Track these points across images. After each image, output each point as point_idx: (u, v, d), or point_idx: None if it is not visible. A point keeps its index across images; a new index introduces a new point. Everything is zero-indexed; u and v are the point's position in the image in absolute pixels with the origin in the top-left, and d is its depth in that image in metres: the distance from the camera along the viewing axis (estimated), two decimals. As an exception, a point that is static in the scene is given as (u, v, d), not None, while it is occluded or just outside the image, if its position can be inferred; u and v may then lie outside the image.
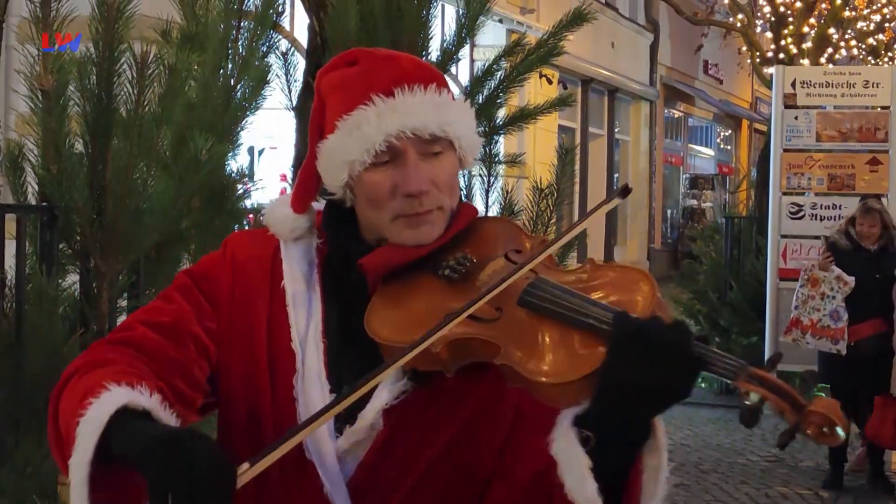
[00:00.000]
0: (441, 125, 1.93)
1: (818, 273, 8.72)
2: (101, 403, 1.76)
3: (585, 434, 1.71)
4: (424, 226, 1.93)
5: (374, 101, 1.92)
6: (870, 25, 22.40)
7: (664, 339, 1.70)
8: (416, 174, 1.90)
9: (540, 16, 21.98)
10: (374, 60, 2.00)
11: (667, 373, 1.69)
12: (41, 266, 4.08)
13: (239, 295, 2.00)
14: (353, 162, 1.92)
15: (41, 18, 4.08)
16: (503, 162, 5.28)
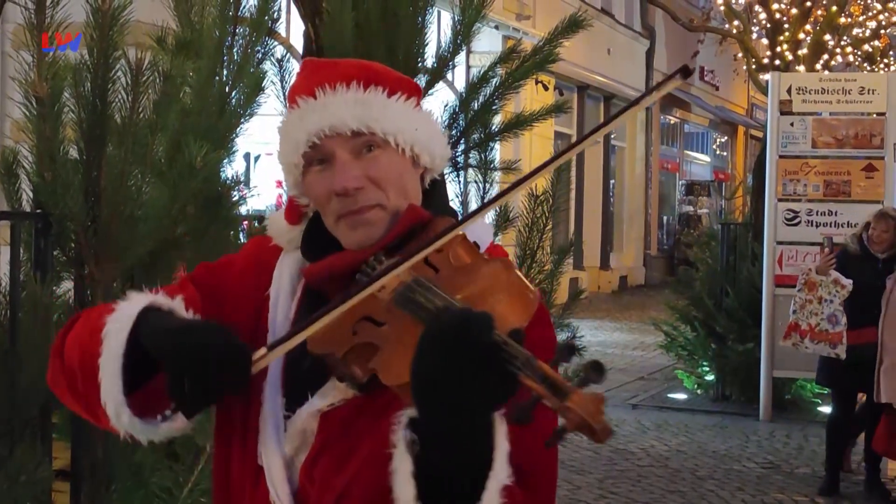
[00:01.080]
0: (364, 121, 1.93)
1: (815, 277, 8.73)
2: (125, 308, 1.89)
3: (412, 437, 1.65)
4: (363, 226, 1.93)
5: (297, 103, 1.96)
6: (865, 32, 22.42)
7: (449, 330, 1.60)
8: (342, 171, 1.91)
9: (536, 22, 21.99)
10: (314, 66, 2.04)
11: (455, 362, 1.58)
12: (35, 273, 4.07)
13: (241, 293, 2.05)
14: (289, 165, 1.97)
15: (36, 25, 4.07)
16: (499, 168, 5.27)
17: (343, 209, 1.92)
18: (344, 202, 1.91)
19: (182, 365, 1.74)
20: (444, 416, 1.61)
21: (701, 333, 12.51)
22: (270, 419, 1.93)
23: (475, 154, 4.98)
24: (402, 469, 1.64)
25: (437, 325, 1.62)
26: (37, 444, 3.96)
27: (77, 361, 1.92)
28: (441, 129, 2.07)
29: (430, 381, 1.60)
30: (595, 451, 9.81)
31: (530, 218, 4.98)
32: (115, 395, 1.85)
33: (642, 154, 30.31)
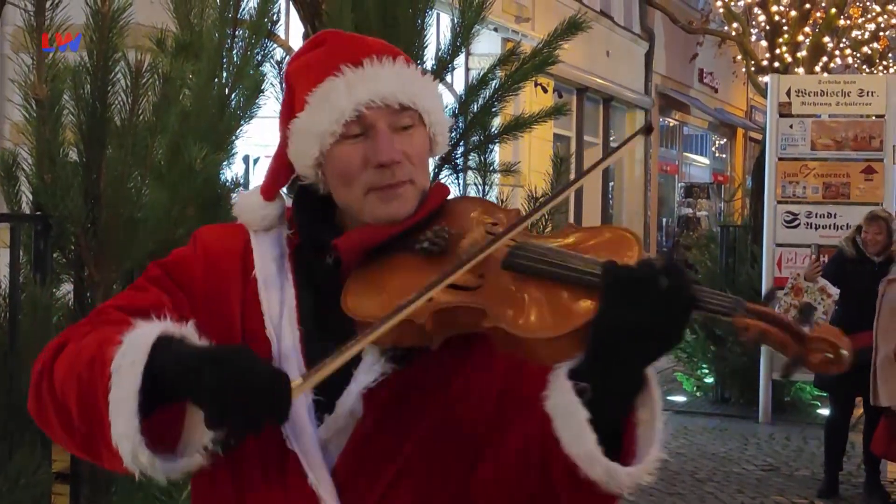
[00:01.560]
0: (410, 96, 1.92)
1: (802, 283, 8.73)
2: (136, 337, 1.74)
3: (581, 386, 1.67)
4: (396, 200, 1.91)
5: (342, 71, 1.91)
6: (864, 34, 22.42)
7: (656, 279, 1.66)
8: (387, 144, 1.89)
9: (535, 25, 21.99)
10: (341, 38, 2.01)
11: (661, 313, 1.66)
12: (35, 275, 4.07)
13: (212, 286, 1.97)
14: (323, 134, 1.90)
15: (35, 27, 4.07)
16: (498, 171, 5.27)
17: (380, 181, 1.89)
18: (382, 174, 1.89)
19: (223, 400, 1.66)
20: (631, 363, 1.68)
21: (700, 336, 12.52)
22: (299, 402, 1.84)
23: (474, 156, 4.98)
24: (573, 418, 1.66)
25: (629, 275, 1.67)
26: (36, 447, 3.96)
27: (74, 398, 1.80)
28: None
29: (628, 331, 1.65)
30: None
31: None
32: (132, 436, 1.72)
33: (641, 156, 30.31)
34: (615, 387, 1.69)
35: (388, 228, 1.90)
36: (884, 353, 8.04)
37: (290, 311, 1.94)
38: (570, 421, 1.67)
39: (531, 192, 5.03)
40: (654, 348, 1.68)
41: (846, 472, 8.98)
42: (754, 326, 1.65)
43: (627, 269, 1.68)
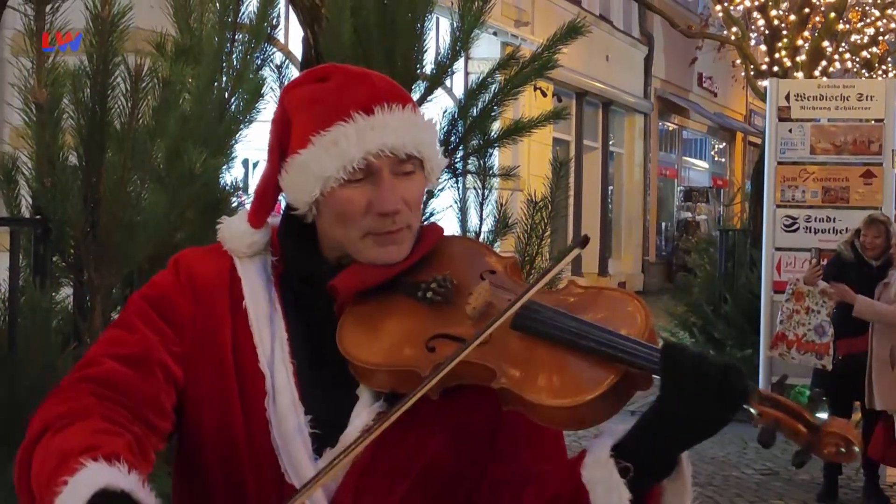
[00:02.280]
0: (416, 145, 1.93)
1: (803, 287, 8.71)
2: (78, 484, 1.69)
3: (625, 465, 1.75)
4: (393, 245, 1.93)
5: (353, 118, 1.91)
6: (864, 38, 22.43)
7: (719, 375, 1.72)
8: (391, 193, 1.90)
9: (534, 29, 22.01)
10: (347, 77, 1.99)
11: (720, 408, 1.73)
12: (35, 279, 4.07)
13: (201, 318, 1.96)
14: (328, 178, 1.90)
15: (35, 31, 4.07)
16: (497, 175, 5.27)
17: (381, 228, 1.91)
18: (382, 222, 1.91)
19: None
20: (679, 449, 1.78)
21: (699, 340, 12.52)
22: (297, 438, 1.88)
23: (474, 160, 4.98)
24: (617, 497, 1.74)
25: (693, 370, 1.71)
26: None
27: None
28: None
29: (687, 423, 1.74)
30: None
31: (529, 224, 4.98)
32: None
33: (640, 160, 30.32)
34: (656, 468, 1.78)
35: (386, 270, 1.93)
36: (879, 357, 8.05)
37: (281, 343, 1.95)
38: (611, 498, 1.74)
39: (530, 196, 5.03)
40: (704, 435, 1.78)
41: (845, 476, 8.97)
42: (768, 414, 1.72)
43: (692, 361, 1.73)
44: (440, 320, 1.85)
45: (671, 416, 1.74)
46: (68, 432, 1.79)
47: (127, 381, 1.87)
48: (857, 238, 8.65)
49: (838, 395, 8.64)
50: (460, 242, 2.08)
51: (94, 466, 1.70)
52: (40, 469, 1.78)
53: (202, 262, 2.02)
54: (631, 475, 1.74)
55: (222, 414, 1.92)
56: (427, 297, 1.89)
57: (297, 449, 1.88)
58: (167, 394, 1.90)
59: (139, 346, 1.91)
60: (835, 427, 1.70)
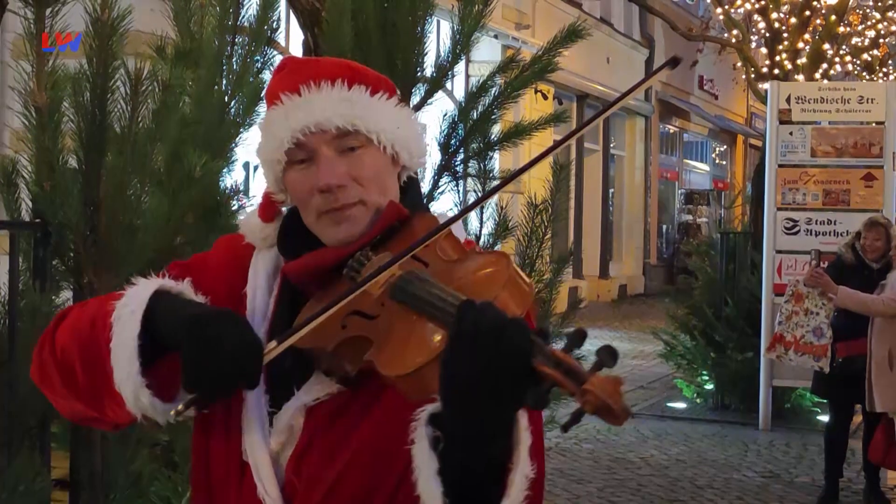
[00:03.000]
0: (349, 119, 1.93)
1: (802, 288, 8.70)
2: (137, 289, 1.89)
3: (436, 434, 1.68)
4: (346, 222, 1.93)
5: (281, 100, 1.96)
6: (864, 41, 22.44)
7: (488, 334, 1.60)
8: (327, 168, 1.92)
9: (535, 31, 22.02)
10: (296, 64, 2.04)
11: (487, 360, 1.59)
12: (34, 282, 4.07)
13: (222, 293, 2.02)
14: (272, 162, 1.96)
15: (35, 35, 4.07)
16: (498, 178, 5.27)
17: (326, 206, 1.92)
18: (327, 199, 1.92)
19: (196, 358, 1.75)
20: (475, 414, 1.62)
21: (700, 342, 12.51)
22: (255, 415, 1.93)
23: (474, 163, 4.98)
24: (426, 467, 1.67)
25: (471, 328, 1.61)
26: (35, 454, 3.96)
27: (77, 353, 1.92)
28: (420, 129, 2.07)
29: (465, 383, 1.61)
30: (595, 461, 9.80)
31: (529, 227, 4.98)
32: (133, 378, 1.84)
33: (641, 163, 30.32)
34: (472, 433, 1.64)
35: (334, 252, 1.93)
36: (878, 359, 8.04)
37: (264, 327, 1.99)
38: (423, 469, 1.68)
39: (531, 199, 5.03)
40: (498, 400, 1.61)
41: (846, 478, 8.97)
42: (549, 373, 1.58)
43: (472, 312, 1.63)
44: (358, 296, 1.82)
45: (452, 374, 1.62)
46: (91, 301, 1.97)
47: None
48: (857, 241, 8.65)
49: (839, 397, 8.64)
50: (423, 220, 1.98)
51: (144, 280, 1.91)
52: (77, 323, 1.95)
53: (234, 246, 2.10)
54: (441, 445, 1.66)
55: None
56: (349, 274, 1.89)
57: (254, 428, 1.92)
58: None
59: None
60: (592, 385, 1.55)
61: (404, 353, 1.72)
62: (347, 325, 1.82)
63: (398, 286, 1.79)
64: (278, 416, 1.92)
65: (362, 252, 1.90)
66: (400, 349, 1.73)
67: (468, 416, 1.63)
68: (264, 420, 1.93)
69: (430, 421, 1.69)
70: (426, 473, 1.67)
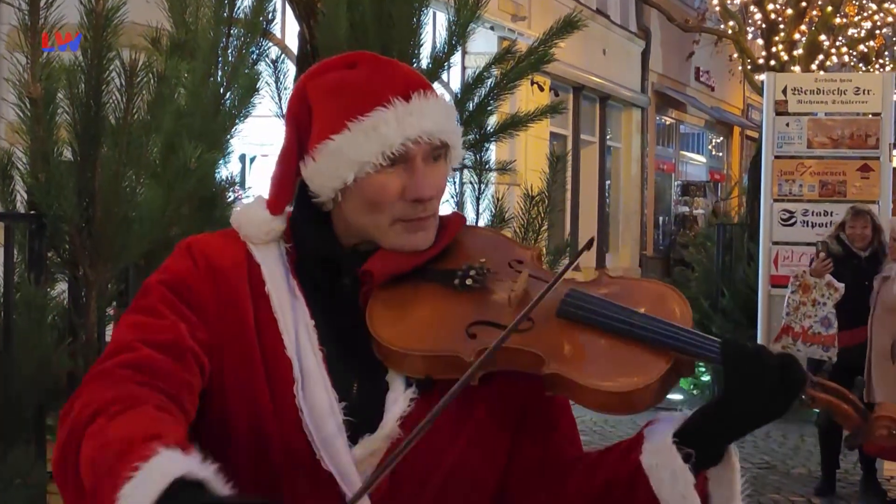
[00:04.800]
0: (449, 133, 1.96)
1: (809, 279, 8.68)
2: (153, 471, 1.60)
3: (687, 452, 1.83)
4: (421, 231, 1.95)
5: (392, 104, 1.92)
6: (861, 32, 22.42)
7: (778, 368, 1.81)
8: (426, 181, 1.92)
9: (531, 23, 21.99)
10: (378, 63, 2.00)
11: (781, 399, 1.82)
12: (30, 275, 4.06)
13: (224, 303, 1.93)
14: (364, 163, 1.90)
15: (30, 26, 4.06)
16: (494, 169, 5.26)
17: (411, 214, 1.92)
18: (415, 208, 1.92)
19: None
20: (736, 436, 1.88)
21: (697, 334, 12.50)
22: (331, 424, 1.86)
23: (470, 155, 4.97)
24: (682, 483, 1.83)
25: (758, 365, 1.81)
26: (31, 446, 3.95)
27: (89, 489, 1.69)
28: None
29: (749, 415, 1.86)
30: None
31: (526, 218, 4.98)
32: None
33: (638, 155, 30.31)
34: (714, 455, 1.89)
35: (417, 257, 1.95)
36: (878, 349, 8.04)
37: (307, 330, 1.93)
38: (676, 485, 1.83)
39: (527, 190, 5.02)
40: (762, 425, 1.89)
41: (843, 469, 8.98)
42: (820, 399, 1.81)
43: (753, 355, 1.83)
44: (478, 307, 1.89)
45: (735, 407, 1.83)
46: (126, 418, 1.71)
47: (165, 368, 1.81)
48: (841, 231, 8.65)
49: None
50: (482, 232, 2.13)
51: (168, 453, 1.61)
52: (98, 455, 1.68)
53: (217, 248, 1.99)
54: (693, 461, 1.82)
55: (250, 403, 1.89)
56: (465, 284, 1.92)
57: (332, 434, 1.86)
58: (199, 381, 1.86)
59: (171, 333, 1.86)
60: (886, 411, 1.80)
61: (610, 371, 1.82)
62: (477, 335, 1.87)
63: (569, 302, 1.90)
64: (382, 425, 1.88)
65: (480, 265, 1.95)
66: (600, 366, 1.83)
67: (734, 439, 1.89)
68: (341, 427, 1.87)
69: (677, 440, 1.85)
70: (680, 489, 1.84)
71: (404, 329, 1.87)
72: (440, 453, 1.90)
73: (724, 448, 1.90)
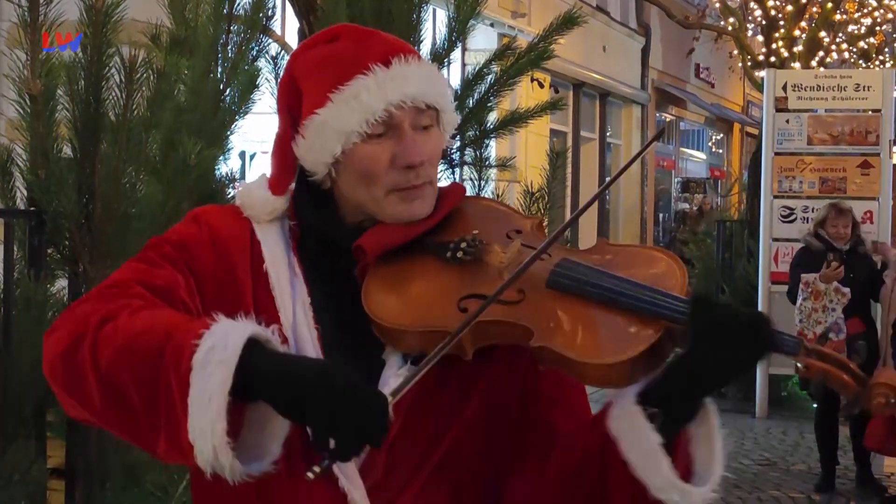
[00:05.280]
0: (435, 96, 1.92)
1: (820, 285, 8.62)
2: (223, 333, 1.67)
3: (652, 411, 1.75)
4: (417, 200, 1.91)
5: (372, 70, 1.89)
6: (861, 29, 22.44)
7: (746, 325, 1.73)
8: (415, 146, 1.89)
9: (531, 20, 21.98)
10: (359, 34, 1.98)
11: (746, 356, 1.74)
12: (29, 271, 4.06)
13: (222, 275, 1.92)
14: (349, 133, 1.88)
15: (29, 23, 4.06)
16: (494, 166, 5.26)
17: (404, 182, 1.89)
18: (407, 176, 1.89)
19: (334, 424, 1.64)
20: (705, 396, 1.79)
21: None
22: None
23: (470, 151, 4.97)
24: (648, 444, 1.74)
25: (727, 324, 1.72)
26: (31, 443, 3.95)
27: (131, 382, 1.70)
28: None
29: (716, 375, 1.75)
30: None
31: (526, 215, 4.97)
32: (217, 436, 1.64)
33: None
34: (683, 413, 1.78)
35: (411, 229, 1.90)
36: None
37: (304, 308, 1.92)
38: (642, 446, 1.74)
39: (527, 187, 5.02)
40: (729, 381, 1.79)
41: (843, 466, 8.98)
42: (815, 366, 1.73)
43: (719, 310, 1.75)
44: (471, 280, 1.83)
45: (699, 365, 1.74)
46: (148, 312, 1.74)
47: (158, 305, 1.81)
48: (821, 228, 8.67)
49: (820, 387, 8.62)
50: (483, 202, 2.07)
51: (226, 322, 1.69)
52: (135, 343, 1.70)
53: (223, 220, 1.98)
54: (660, 421, 1.75)
55: None
56: (457, 256, 1.87)
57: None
58: None
59: (165, 281, 1.86)
60: (884, 378, 1.72)
61: (601, 343, 1.76)
62: (468, 308, 1.80)
63: (560, 273, 1.82)
64: None
65: (472, 237, 1.89)
66: (591, 338, 1.77)
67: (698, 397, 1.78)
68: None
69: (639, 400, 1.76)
70: (647, 450, 1.74)
71: (398, 305, 1.84)
72: (437, 438, 1.87)
73: (695, 405, 1.79)
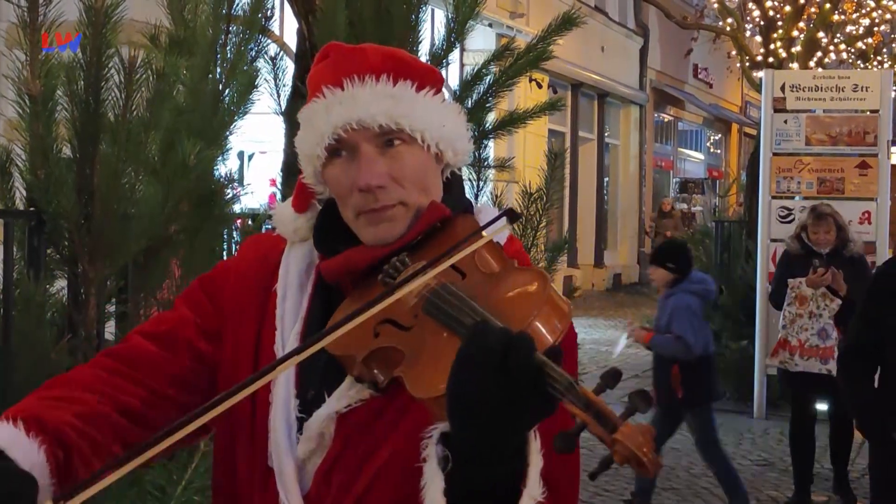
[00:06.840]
0: (393, 117, 1.86)
1: (806, 290, 8.51)
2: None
3: (445, 453, 1.61)
4: (384, 223, 1.87)
5: (323, 93, 1.89)
6: (859, 29, 22.44)
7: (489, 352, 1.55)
8: (367, 168, 1.85)
9: (529, 20, 21.99)
10: (340, 54, 1.95)
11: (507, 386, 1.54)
12: (29, 272, 4.06)
13: (237, 297, 1.98)
14: (311, 156, 1.90)
15: (29, 23, 4.06)
16: (493, 166, 5.27)
17: (365, 206, 1.86)
18: (366, 198, 1.86)
19: None
20: (480, 435, 1.57)
21: (694, 331, 12.49)
22: (282, 420, 1.86)
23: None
24: (433, 486, 1.61)
25: (476, 346, 1.56)
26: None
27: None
28: (465, 125, 2.00)
29: (468, 403, 1.56)
30: (589, 449, 9.77)
31: (524, 215, 4.97)
32: None
33: (636, 152, 30.32)
34: (479, 454, 1.59)
35: (371, 252, 1.87)
36: None
37: (297, 326, 1.93)
38: (430, 488, 1.62)
39: (526, 187, 5.03)
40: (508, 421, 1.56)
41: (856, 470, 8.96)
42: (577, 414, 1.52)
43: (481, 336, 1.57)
44: (390, 305, 1.73)
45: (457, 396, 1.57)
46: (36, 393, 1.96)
47: (145, 355, 1.96)
48: (802, 232, 8.49)
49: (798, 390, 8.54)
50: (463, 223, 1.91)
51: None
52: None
53: (259, 245, 2.07)
54: (449, 464, 1.60)
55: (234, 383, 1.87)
56: (385, 281, 1.81)
57: (280, 433, 1.86)
58: (195, 372, 1.96)
59: (170, 324, 1.99)
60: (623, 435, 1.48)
61: (433, 375, 1.63)
62: (380, 333, 1.75)
63: (430, 300, 1.72)
64: (308, 423, 1.84)
65: (399, 257, 1.83)
66: (430, 369, 1.66)
67: (474, 437, 1.57)
68: (292, 425, 1.86)
69: (440, 440, 1.63)
70: (432, 492, 1.61)
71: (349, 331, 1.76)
72: (369, 456, 1.83)
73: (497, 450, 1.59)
